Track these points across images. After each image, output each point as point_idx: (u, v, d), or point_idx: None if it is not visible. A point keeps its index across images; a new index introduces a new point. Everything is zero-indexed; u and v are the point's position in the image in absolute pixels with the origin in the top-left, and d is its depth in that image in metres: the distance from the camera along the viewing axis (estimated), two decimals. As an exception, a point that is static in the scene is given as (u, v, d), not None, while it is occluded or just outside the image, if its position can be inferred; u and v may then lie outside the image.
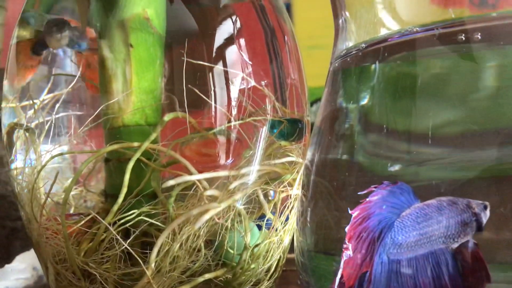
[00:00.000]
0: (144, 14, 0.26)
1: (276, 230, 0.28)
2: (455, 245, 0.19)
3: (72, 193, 0.29)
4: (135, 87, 0.26)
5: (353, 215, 0.20)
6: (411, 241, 0.20)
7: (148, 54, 0.27)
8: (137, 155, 0.24)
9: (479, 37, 0.22)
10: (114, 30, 0.26)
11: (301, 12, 0.97)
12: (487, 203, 0.18)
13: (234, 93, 0.27)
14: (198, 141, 0.25)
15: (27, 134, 0.28)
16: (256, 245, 0.27)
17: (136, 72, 0.26)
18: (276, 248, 0.28)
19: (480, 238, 0.19)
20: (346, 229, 0.20)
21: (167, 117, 0.25)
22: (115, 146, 0.25)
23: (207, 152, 0.25)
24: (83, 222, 0.26)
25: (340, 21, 0.31)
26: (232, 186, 0.24)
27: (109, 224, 0.24)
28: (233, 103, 0.27)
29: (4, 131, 0.30)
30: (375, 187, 0.20)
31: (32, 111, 0.29)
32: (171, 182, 0.24)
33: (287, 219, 0.29)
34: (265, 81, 0.28)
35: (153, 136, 0.25)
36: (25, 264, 0.39)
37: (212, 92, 0.27)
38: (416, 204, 0.20)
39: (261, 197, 0.26)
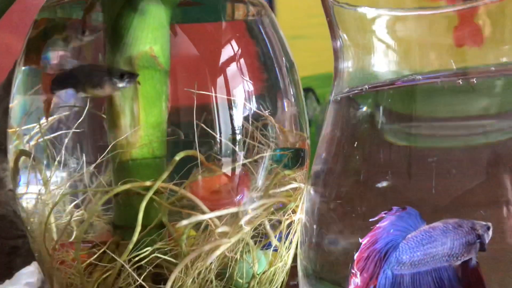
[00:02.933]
0: (151, 51, 0.27)
1: (281, 255, 0.29)
2: (458, 263, 0.21)
3: (74, 218, 0.30)
4: (142, 123, 0.27)
5: (363, 242, 0.21)
6: (415, 260, 0.21)
7: (155, 90, 0.27)
8: (150, 194, 0.25)
9: (475, 81, 0.24)
10: (122, 67, 0.27)
11: (284, 1, 0.96)
12: (490, 224, 0.20)
13: (238, 122, 0.28)
14: (207, 177, 0.26)
15: (33, 162, 0.29)
16: (263, 272, 0.28)
17: (144, 108, 0.27)
18: (281, 272, 0.29)
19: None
20: (355, 256, 0.21)
21: (178, 156, 0.25)
22: (127, 186, 0.25)
23: (217, 189, 0.25)
24: (96, 255, 0.27)
25: (338, 42, 0.32)
26: (242, 222, 0.25)
27: (124, 261, 0.25)
28: (237, 131, 0.27)
29: (10, 157, 0.30)
30: (385, 213, 0.21)
31: (37, 136, 0.29)
32: (184, 223, 0.24)
33: (290, 242, 0.30)
34: (268, 110, 0.29)
35: (165, 175, 0.25)
36: (33, 267, 0.41)
37: (217, 123, 0.27)
38: (422, 227, 0.21)
39: (268, 227, 0.27)
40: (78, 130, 0.29)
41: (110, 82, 0.25)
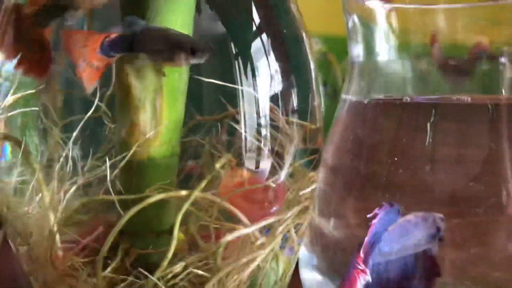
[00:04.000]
0: (181, 39, 0.23)
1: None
2: (420, 251, 0.24)
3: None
4: (165, 118, 0.24)
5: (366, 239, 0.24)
6: (394, 250, 0.24)
7: (179, 82, 0.24)
8: (186, 206, 0.22)
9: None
10: (145, 56, 0.23)
11: None
12: (442, 215, 0.24)
13: (267, 118, 0.25)
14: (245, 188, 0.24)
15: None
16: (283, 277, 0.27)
17: (168, 103, 0.24)
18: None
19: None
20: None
21: (219, 164, 0.23)
22: (162, 195, 0.22)
23: (257, 198, 0.24)
24: (110, 267, 0.24)
25: (350, 23, 0.31)
26: (279, 230, 0.24)
27: (158, 279, 0.22)
28: (264, 129, 0.25)
29: None
30: (378, 210, 0.24)
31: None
32: (228, 238, 0.22)
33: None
34: (296, 106, 0.27)
35: (203, 184, 0.23)
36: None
37: (243, 118, 0.25)
38: (400, 219, 0.24)
39: (293, 232, 0.26)
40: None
41: (181, 55, 0.21)
